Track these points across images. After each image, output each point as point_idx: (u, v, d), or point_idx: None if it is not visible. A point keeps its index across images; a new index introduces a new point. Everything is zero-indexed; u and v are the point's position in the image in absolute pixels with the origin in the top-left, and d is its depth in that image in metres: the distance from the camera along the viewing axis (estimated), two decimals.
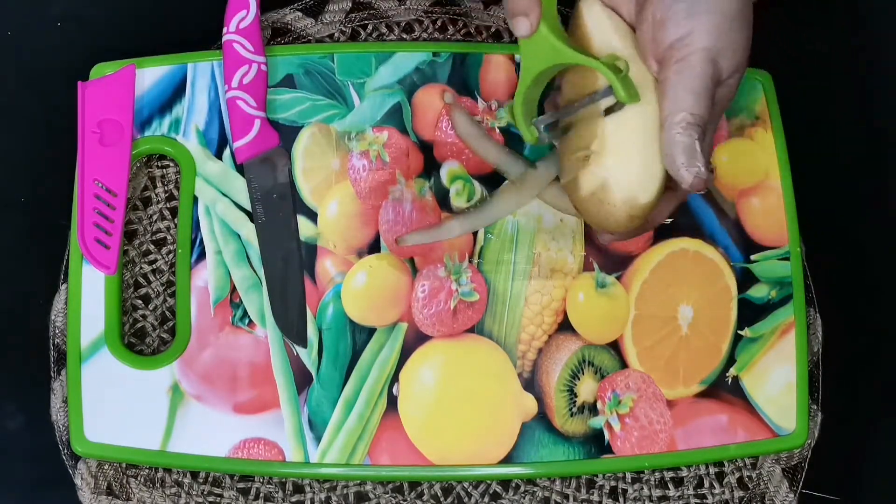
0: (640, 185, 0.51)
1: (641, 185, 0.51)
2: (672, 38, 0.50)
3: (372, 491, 0.60)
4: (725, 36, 0.49)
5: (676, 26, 0.49)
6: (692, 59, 0.49)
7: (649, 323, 0.61)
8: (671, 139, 0.49)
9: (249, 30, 0.62)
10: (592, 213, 0.53)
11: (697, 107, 0.49)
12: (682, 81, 0.49)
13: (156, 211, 0.63)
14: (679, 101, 0.49)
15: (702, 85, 0.49)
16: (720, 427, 0.60)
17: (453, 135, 0.63)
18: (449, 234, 0.61)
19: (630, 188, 0.51)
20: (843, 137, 0.68)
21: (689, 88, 0.49)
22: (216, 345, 0.60)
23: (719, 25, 0.49)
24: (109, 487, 0.60)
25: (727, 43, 0.50)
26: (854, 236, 0.66)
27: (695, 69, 0.49)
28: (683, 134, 0.49)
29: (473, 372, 0.60)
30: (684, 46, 0.49)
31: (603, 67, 0.50)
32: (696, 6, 0.49)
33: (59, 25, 0.67)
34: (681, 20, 0.49)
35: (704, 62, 0.49)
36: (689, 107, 0.49)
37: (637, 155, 0.51)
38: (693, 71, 0.49)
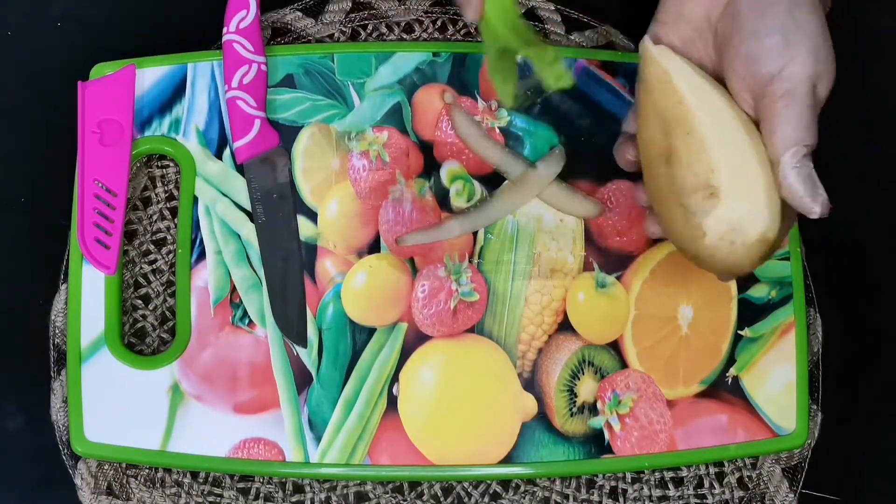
0: (770, 221, 0.49)
1: (771, 220, 0.49)
2: (771, 71, 0.48)
3: (372, 491, 0.60)
4: (821, 60, 0.49)
5: (774, 59, 0.48)
6: (797, 90, 0.48)
7: (649, 323, 0.61)
8: (790, 174, 0.48)
9: (249, 30, 0.62)
10: (720, 257, 0.50)
11: (809, 137, 0.48)
12: (789, 115, 0.48)
13: (156, 211, 0.63)
14: (791, 135, 0.48)
15: (810, 115, 0.48)
16: (720, 427, 0.60)
17: (453, 135, 0.63)
18: (449, 234, 0.61)
19: (763, 225, 0.49)
20: (842, 137, 0.68)
21: (798, 121, 0.48)
22: (216, 345, 0.60)
23: (815, 51, 0.48)
24: (109, 487, 0.60)
25: (822, 67, 0.49)
26: (854, 236, 0.66)
27: (802, 101, 0.48)
28: (802, 167, 0.48)
29: (473, 372, 0.60)
30: (786, 79, 0.48)
31: (532, 56, 0.52)
32: (791, 36, 0.48)
33: (59, 25, 0.67)
34: (778, 53, 0.48)
35: (808, 91, 0.48)
36: (802, 139, 0.48)
37: (761, 191, 0.49)
38: (801, 103, 0.48)
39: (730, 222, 0.49)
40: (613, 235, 0.62)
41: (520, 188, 0.62)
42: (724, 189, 0.49)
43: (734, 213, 0.49)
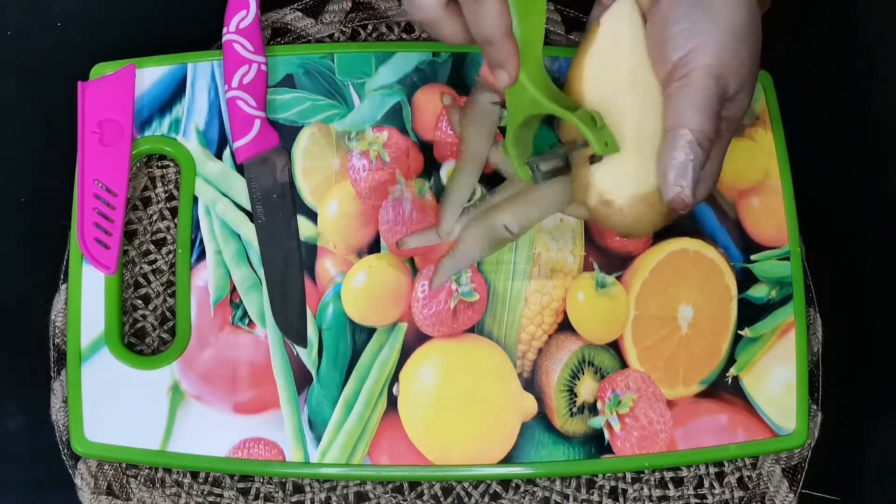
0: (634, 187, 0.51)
1: (636, 186, 0.51)
2: (674, 57, 0.50)
3: (372, 491, 0.60)
4: (730, 52, 0.49)
5: (678, 47, 0.49)
6: (694, 75, 0.49)
7: (649, 323, 0.61)
8: (667, 154, 0.49)
9: (249, 30, 0.62)
10: (599, 219, 0.53)
11: (699, 122, 0.49)
12: (684, 98, 0.49)
13: (156, 211, 0.63)
14: (680, 117, 0.49)
15: (704, 101, 0.49)
16: (720, 427, 0.60)
17: (453, 135, 0.63)
18: (449, 236, 0.61)
19: (623, 191, 0.51)
20: (843, 137, 0.68)
21: (690, 105, 0.49)
22: (216, 345, 0.60)
23: (722, 42, 0.49)
24: (109, 487, 0.60)
25: (731, 58, 0.49)
26: (854, 236, 0.66)
27: (696, 85, 0.49)
28: (679, 150, 0.49)
29: (473, 372, 0.60)
30: (686, 64, 0.49)
31: (577, 120, 0.50)
32: (696, 25, 0.49)
33: (59, 25, 0.67)
34: (681, 40, 0.49)
35: (707, 78, 0.49)
36: (690, 122, 0.49)
37: (630, 161, 0.51)
38: (695, 87, 0.49)
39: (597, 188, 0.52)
40: (613, 235, 0.62)
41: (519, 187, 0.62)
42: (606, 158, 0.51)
43: (599, 181, 0.51)
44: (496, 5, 0.48)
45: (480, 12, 0.48)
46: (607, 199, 0.52)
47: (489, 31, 0.49)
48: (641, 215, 0.52)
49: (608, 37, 0.52)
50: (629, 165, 0.51)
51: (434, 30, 0.51)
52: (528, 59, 0.51)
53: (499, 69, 0.50)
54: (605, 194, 0.52)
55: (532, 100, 0.51)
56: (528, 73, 0.51)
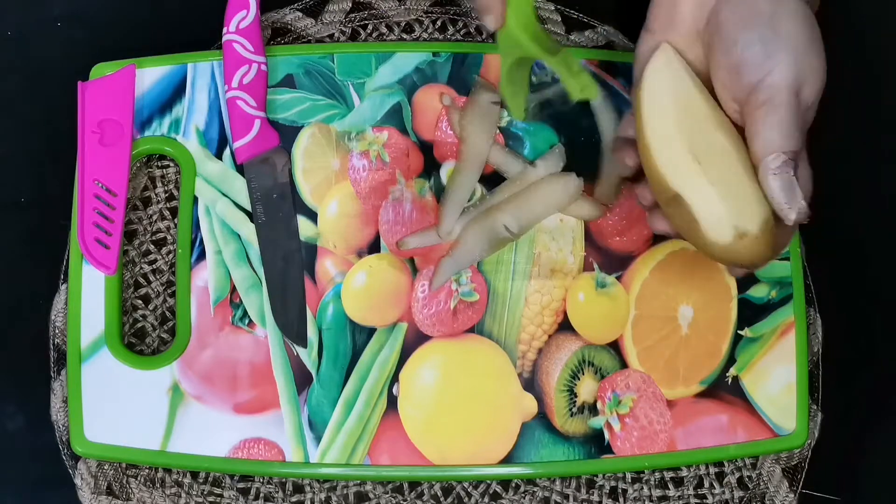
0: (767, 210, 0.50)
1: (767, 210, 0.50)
2: (752, 81, 0.49)
3: (372, 491, 0.60)
4: (804, 67, 0.49)
5: (755, 70, 0.49)
6: (777, 99, 0.48)
7: (649, 323, 0.61)
8: (768, 179, 0.48)
9: (249, 30, 0.62)
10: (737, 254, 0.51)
11: (791, 144, 0.48)
12: (769, 122, 0.48)
13: (156, 211, 0.63)
14: (770, 142, 0.48)
15: (790, 122, 0.48)
16: (720, 427, 0.60)
17: (453, 135, 0.63)
18: (449, 236, 0.61)
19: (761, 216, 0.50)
20: (842, 138, 0.68)
21: (778, 128, 0.48)
22: (216, 345, 0.60)
23: (796, 58, 0.49)
24: (109, 487, 0.60)
25: (808, 72, 0.49)
26: (854, 236, 0.66)
27: (781, 108, 0.48)
28: (780, 175, 0.48)
29: (473, 372, 0.60)
30: (766, 88, 0.48)
31: (557, 65, 0.51)
32: (771, 46, 0.49)
33: (59, 25, 0.67)
34: (758, 63, 0.49)
35: (789, 99, 0.48)
36: (781, 146, 0.48)
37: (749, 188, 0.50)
38: (780, 110, 0.48)
39: (734, 224, 0.50)
40: (613, 235, 0.62)
41: (518, 187, 0.62)
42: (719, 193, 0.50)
43: (732, 214, 0.50)
44: None
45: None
46: (743, 231, 0.50)
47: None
48: (745, 250, 0.50)
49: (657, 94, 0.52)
50: (749, 193, 0.50)
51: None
52: (514, 2, 0.52)
53: (485, 13, 0.52)
54: (739, 227, 0.50)
55: (517, 43, 0.53)
56: (517, 18, 0.52)
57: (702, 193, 0.50)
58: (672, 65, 0.52)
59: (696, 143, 0.51)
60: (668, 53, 0.53)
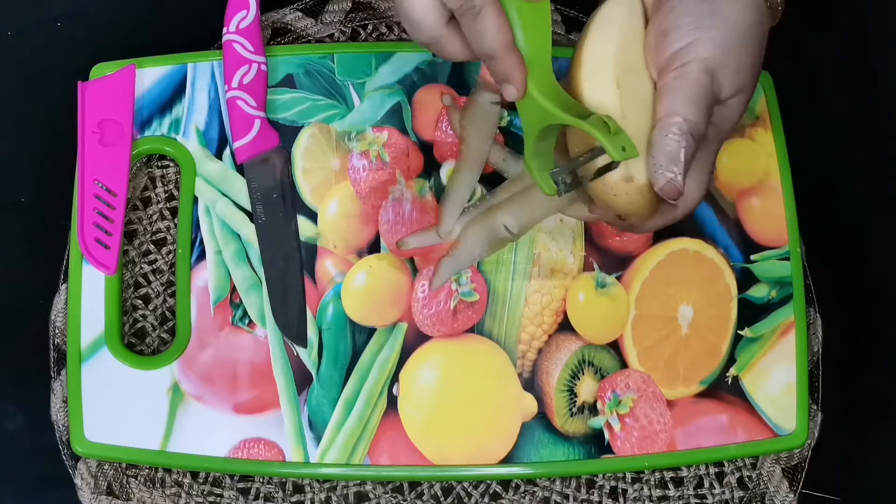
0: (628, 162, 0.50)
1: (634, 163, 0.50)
2: (674, 48, 0.49)
3: (372, 491, 0.60)
4: (729, 52, 0.49)
5: (680, 38, 0.49)
6: (690, 66, 0.49)
7: (649, 323, 0.61)
8: (658, 141, 0.49)
9: (249, 30, 0.62)
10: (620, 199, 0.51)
11: (692, 113, 0.48)
12: (678, 88, 0.49)
13: (156, 211, 0.63)
14: (674, 105, 0.49)
15: (698, 93, 0.49)
16: (720, 427, 0.60)
17: (453, 135, 0.63)
18: (449, 236, 0.61)
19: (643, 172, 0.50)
20: (842, 137, 0.68)
21: (684, 95, 0.49)
22: (216, 345, 0.60)
23: (724, 40, 0.49)
24: (109, 487, 0.60)
25: (729, 60, 0.49)
26: (854, 236, 0.66)
27: (691, 76, 0.49)
28: (671, 137, 0.48)
29: (473, 372, 0.60)
30: (684, 55, 0.49)
31: (593, 130, 0.48)
32: (702, 20, 0.49)
33: (59, 25, 0.67)
34: (684, 31, 0.49)
35: (702, 72, 0.49)
36: (683, 111, 0.48)
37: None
38: (689, 78, 0.49)
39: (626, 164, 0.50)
40: (613, 235, 0.62)
41: (519, 187, 0.62)
42: None
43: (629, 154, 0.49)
44: (495, 21, 0.47)
45: (479, 29, 0.47)
46: (630, 175, 0.50)
47: (490, 47, 0.48)
48: (649, 201, 0.50)
49: (608, 22, 0.52)
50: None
51: (436, 49, 0.50)
52: (535, 69, 0.49)
53: (505, 83, 0.49)
54: (630, 169, 0.50)
55: (543, 111, 0.50)
56: (537, 84, 0.50)
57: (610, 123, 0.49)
58: (633, 5, 0.52)
59: (623, 79, 0.51)
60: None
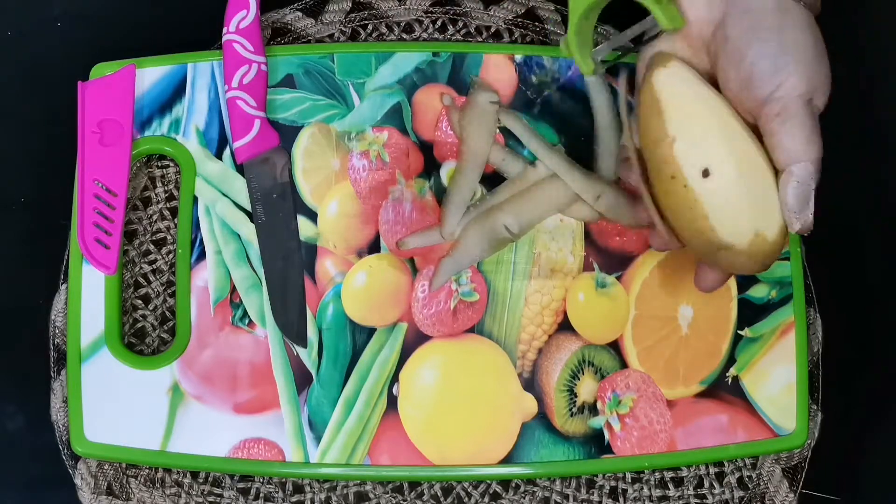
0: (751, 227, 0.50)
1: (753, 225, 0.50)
2: (764, 94, 0.49)
3: (372, 491, 0.60)
4: (814, 73, 0.49)
5: (765, 83, 0.49)
6: (791, 109, 0.49)
7: (649, 323, 0.61)
8: (791, 189, 0.49)
9: (249, 30, 0.62)
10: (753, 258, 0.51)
11: (813, 152, 0.49)
12: (787, 132, 0.49)
13: (156, 211, 0.63)
14: (793, 151, 0.49)
15: (809, 129, 0.49)
16: (720, 427, 0.60)
17: (453, 135, 0.63)
18: (450, 237, 0.61)
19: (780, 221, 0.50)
20: (842, 137, 0.68)
21: (798, 137, 0.49)
22: (216, 345, 0.60)
23: (806, 67, 0.49)
24: (109, 487, 0.60)
25: (817, 81, 0.50)
26: (854, 236, 0.66)
27: (796, 116, 0.49)
28: (801, 184, 0.49)
29: (473, 372, 0.60)
30: (779, 100, 0.49)
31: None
32: (780, 59, 0.49)
33: (59, 25, 0.67)
34: (768, 77, 0.49)
35: (804, 107, 0.49)
36: (805, 154, 0.49)
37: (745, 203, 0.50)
38: (796, 120, 0.49)
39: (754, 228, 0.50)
40: (613, 235, 0.62)
41: (519, 187, 0.62)
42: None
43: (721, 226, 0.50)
44: None
45: None
46: (727, 244, 0.50)
47: None
48: (759, 252, 0.51)
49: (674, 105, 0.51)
50: (744, 207, 0.50)
51: None
52: None
53: None
54: (724, 239, 0.50)
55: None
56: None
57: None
58: (680, 68, 0.52)
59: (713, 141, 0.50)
60: (674, 60, 0.52)
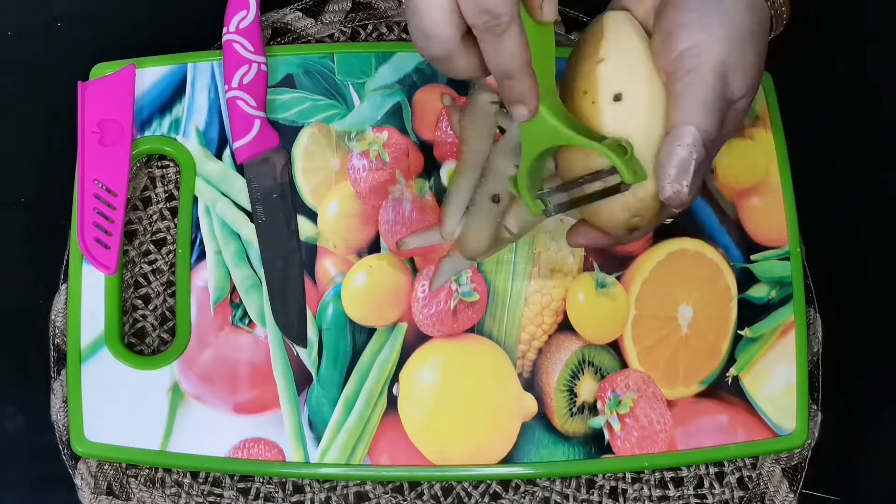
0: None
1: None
2: (682, 47, 0.48)
3: (372, 491, 0.60)
4: (737, 52, 0.48)
5: (687, 36, 0.48)
6: (702, 69, 0.48)
7: (649, 323, 0.61)
8: (670, 150, 0.47)
9: (249, 30, 0.62)
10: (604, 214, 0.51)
11: (706, 121, 0.47)
12: (691, 95, 0.48)
13: (156, 211, 0.63)
14: (688, 113, 0.47)
15: (713, 98, 0.47)
16: (720, 427, 0.60)
17: (453, 135, 0.63)
18: (450, 237, 0.61)
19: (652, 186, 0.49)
20: (843, 137, 0.68)
21: (699, 101, 0.47)
22: (216, 345, 0.60)
23: (731, 39, 0.48)
24: (109, 487, 0.60)
25: (738, 60, 0.48)
26: (854, 236, 0.66)
27: (704, 82, 0.47)
28: (684, 148, 0.47)
29: (473, 372, 0.60)
30: (694, 57, 0.48)
31: (606, 151, 0.47)
32: (706, 18, 0.48)
33: (59, 25, 0.67)
34: (691, 31, 0.48)
35: (715, 75, 0.48)
36: (698, 121, 0.47)
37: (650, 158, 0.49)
38: (702, 84, 0.47)
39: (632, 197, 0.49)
40: None
41: None
42: None
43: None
44: (518, 39, 0.45)
45: (500, 47, 0.45)
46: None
47: (510, 66, 0.46)
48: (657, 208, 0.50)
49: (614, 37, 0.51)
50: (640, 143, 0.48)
51: (445, 65, 0.47)
52: (544, 90, 0.48)
53: (518, 104, 0.47)
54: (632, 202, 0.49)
55: (552, 131, 0.48)
56: (546, 104, 0.48)
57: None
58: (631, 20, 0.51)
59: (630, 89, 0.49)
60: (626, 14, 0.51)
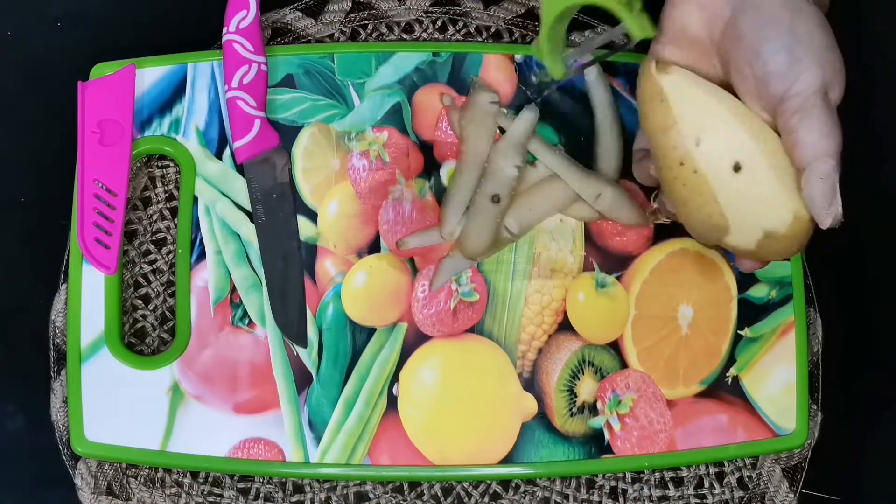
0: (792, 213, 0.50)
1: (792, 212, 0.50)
2: (780, 91, 0.49)
3: (372, 491, 0.60)
4: (828, 68, 0.49)
5: (782, 79, 0.49)
6: (808, 104, 0.48)
7: (649, 323, 0.61)
8: (814, 185, 0.48)
9: (249, 30, 0.62)
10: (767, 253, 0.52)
11: (832, 145, 0.48)
12: (807, 127, 0.48)
13: (156, 211, 0.63)
14: (813, 146, 0.48)
15: (828, 123, 0.48)
16: (720, 427, 0.60)
17: (453, 135, 0.63)
18: (450, 237, 0.61)
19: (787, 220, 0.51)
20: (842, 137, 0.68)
21: (818, 132, 0.48)
22: (216, 345, 0.60)
23: (820, 63, 0.49)
24: (109, 487, 0.60)
25: (832, 73, 0.49)
26: (854, 236, 0.66)
27: (815, 112, 0.48)
28: (826, 179, 0.48)
29: (473, 372, 0.60)
30: (796, 96, 0.49)
31: (615, 4, 0.49)
32: (795, 53, 0.49)
33: (59, 25, 0.67)
34: (784, 72, 0.49)
35: (821, 102, 0.48)
36: (826, 148, 0.48)
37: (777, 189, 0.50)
38: (814, 115, 0.48)
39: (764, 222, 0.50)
40: (613, 235, 0.62)
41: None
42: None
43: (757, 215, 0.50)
44: None
45: None
46: (770, 231, 0.51)
47: None
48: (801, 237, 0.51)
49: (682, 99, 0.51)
50: (778, 194, 0.50)
51: None
52: None
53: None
54: (767, 227, 0.51)
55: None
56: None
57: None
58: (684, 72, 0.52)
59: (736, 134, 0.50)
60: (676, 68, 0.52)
